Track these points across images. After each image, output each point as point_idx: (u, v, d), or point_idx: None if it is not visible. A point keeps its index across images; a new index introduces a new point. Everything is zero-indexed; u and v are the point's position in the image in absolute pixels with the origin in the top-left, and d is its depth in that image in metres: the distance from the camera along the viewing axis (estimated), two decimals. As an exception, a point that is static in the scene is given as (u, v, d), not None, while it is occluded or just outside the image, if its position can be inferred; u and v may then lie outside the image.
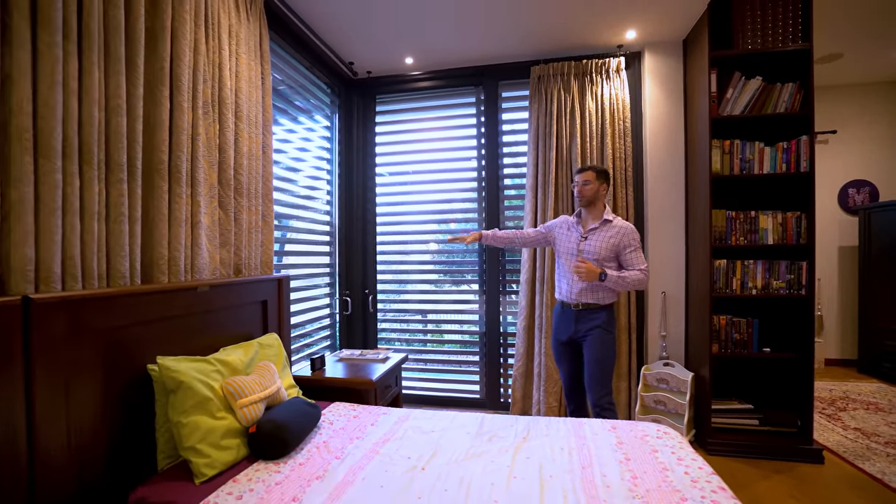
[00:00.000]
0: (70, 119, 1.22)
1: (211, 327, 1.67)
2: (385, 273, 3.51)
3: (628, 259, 2.20)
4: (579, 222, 2.33)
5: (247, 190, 1.93)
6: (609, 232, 2.22)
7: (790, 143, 2.49)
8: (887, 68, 3.90)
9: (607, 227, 2.24)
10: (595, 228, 2.25)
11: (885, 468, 2.32)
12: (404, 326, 3.57)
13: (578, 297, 2.23)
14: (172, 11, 1.57)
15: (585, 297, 2.22)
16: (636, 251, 2.20)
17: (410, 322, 3.57)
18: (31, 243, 1.13)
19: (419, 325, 3.58)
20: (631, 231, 2.22)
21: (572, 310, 2.26)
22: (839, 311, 4.34)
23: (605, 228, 2.24)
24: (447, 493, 1.21)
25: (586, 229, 2.28)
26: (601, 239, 2.22)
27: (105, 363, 1.27)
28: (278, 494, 1.19)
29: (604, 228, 2.24)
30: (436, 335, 3.59)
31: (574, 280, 2.24)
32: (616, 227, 2.23)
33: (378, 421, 1.72)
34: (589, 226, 2.28)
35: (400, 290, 3.51)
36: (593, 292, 2.22)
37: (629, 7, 2.56)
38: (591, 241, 2.24)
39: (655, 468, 1.33)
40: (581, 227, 2.31)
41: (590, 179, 2.26)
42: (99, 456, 1.25)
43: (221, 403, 1.40)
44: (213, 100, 1.76)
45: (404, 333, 3.56)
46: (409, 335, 3.55)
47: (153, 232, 1.49)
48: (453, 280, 3.46)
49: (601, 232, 2.24)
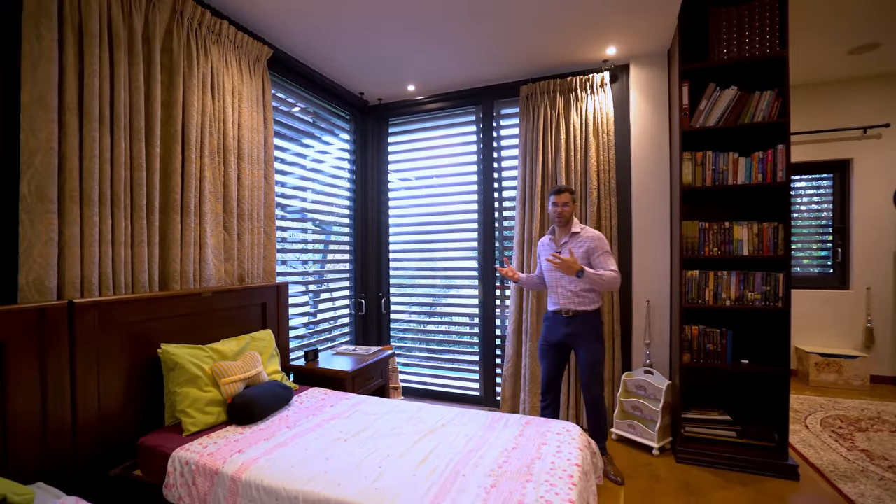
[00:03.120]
0: (104, 178, 1.76)
1: (214, 324, 2.18)
2: (396, 278, 3.92)
3: (599, 262, 2.40)
4: (552, 239, 2.59)
5: (249, 214, 2.44)
6: (579, 241, 2.46)
7: (766, 153, 2.45)
8: (945, 52, 3.46)
9: (576, 237, 2.48)
10: (566, 241, 2.49)
11: (867, 491, 2.21)
12: (413, 327, 3.95)
13: (566, 305, 2.45)
14: (184, 86, 2.10)
15: (574, 305, 2.44)
16: (605, 254, 2.41)
17: (418, 323, 3.94)
18: (77, 265, 1.68)
19: (426, 325, 3.94)
20: (598, 237, 2.44)
21: (563, 316, 2.47)
22: (894, 324, 3.91)
23: (575, 239, 2.48)
24: (351, 455, 1.56)
25: (559, 244, 2.53)
26: (573, 248, 2.45)
27: (128, 348, 1.80)
28: (231, 447, 1.63)
29: (574, 239, 2.48)
30: (440, 336, 3.92)
31: (560, 293, 2.48)
32: (584, 236, 2.46)
33: (337, 404, 2.12)
34: (561, 240, 2.52)
35: (410, 294, 3.89)
36: (579, 299, 2.43)
37: (606, 25, 2.66)
38: (564, 252, 2.47)
39: (530, 456, 1.56)
40: (554, 244, 2.56)
41: (568, 201, 2.48)
42: (121, 413, 1.79)
43: (209, 380, 1.89)
44: (218, 148, 2.27)
45: (414, 333, 3.94)
46: (421, 335, 3.92)
47: (168, 253, 2.03)
48: (457, 285, 3.76)
49: (572, 243, 2.48)
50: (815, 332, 4.15)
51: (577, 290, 2.43)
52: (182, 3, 2.08)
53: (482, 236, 3.56)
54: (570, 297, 2.44)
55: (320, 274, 3.47)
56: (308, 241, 3.44)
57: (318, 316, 3.43)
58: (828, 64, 3.66)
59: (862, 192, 4.01)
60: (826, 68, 3.75)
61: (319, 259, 3.53)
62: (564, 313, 2.46)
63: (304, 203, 3.25)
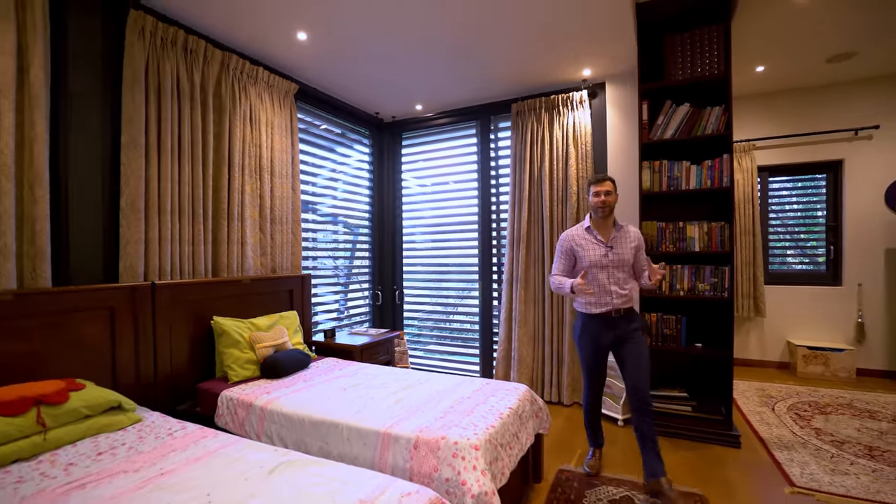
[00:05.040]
0: (174, 194, 2.42)
1: (252, 304, 2.81)
2: (409, 272, 4.48)
3: (643, 260, 2.29)
4: (592, 231, 2.32)
5: (279, 219, 3.06)
6: (628, 237, 2.29)
7: (714, 161, 2.80)
8: (926, 57, 3.59)
9: (623, 232, 2.31)
10: (615, 237, 2.29)
11: (798, 457, 2.53)
12: (422, 315, 4.49)
13: (618, 305, 2.24)
14: (229, 121, 2.74)
15: (624, 304, 2.25)
16: (644, 252, 2.33)
17: (427, 311, 4.48)
18: (156, 257, 2.34)
19: (435, 313, 4.47)
20: (640, 235, 2.35)
21: (612, 317, 2.25)
22: (885, 319, 4.03)
23: (622, 234, 2.30)
24: (346, 398, 2.11)
25: (608, 239, 2.29)
26: (624, 245, 2.27)
27: (189, 319, 2.45)
28: (261, 391, 2.23)
29: (622, 235, 2.30)
30: (447, 323, 4.44)
31: (613, 292, 2.24)
32: (631, 232, 2.31)
33: (345, 368, 2.69)
34: (610, 234, 2.30)
35: (420, 286, 4.44)
36: (628, 297, 2.25)
37: (578, 51, 3.08)
38: (616, 249, 2.26)
39: (478, 402, 2.04)
40: (595, 237, 2.30)
41: (612, 190, 2.28)
42: (184, 366, 2.44)
43: (247, 345, 2.51)
44: (255, 167, 2.91)
45: (423, 321, 4.48)
46: (430, 322, 4.46)
47: (218, 249, 2.68)
48: (460, 279, 4.27)
49: (622, 238, 2.29)
50: (809, 326, 4.32)
51: (628, 289, 2.26)
52: (228, 58, 2.73)
53: (481, 235, 4.04)
54: (621, 297, 2.24)
55: (348, 269, 4.09)
56: (339, 241, 4.06)
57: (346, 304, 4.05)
58: (812, 71, 3.85)
59: (853, 192, 4.15)
60: (812, 75, 3.94)
61: (347, 255, 4.15)
62: (615, 313, 2.24)
63: (332, 209, 3.87)
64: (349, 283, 4.09)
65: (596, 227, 2.33)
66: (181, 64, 2.47)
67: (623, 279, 2.25)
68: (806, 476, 2.32)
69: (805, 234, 4.47)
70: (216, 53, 2.66)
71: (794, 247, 4.54)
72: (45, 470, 1.43)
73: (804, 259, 4.50)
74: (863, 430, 2.88)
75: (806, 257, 4.50)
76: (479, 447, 1.59)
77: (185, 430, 1.76)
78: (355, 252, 4.24)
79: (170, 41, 2.41)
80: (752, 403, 3.42)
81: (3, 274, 1.80)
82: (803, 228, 4.47)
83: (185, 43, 2.50)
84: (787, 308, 4.39)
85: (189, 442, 1.65)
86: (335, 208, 3.96)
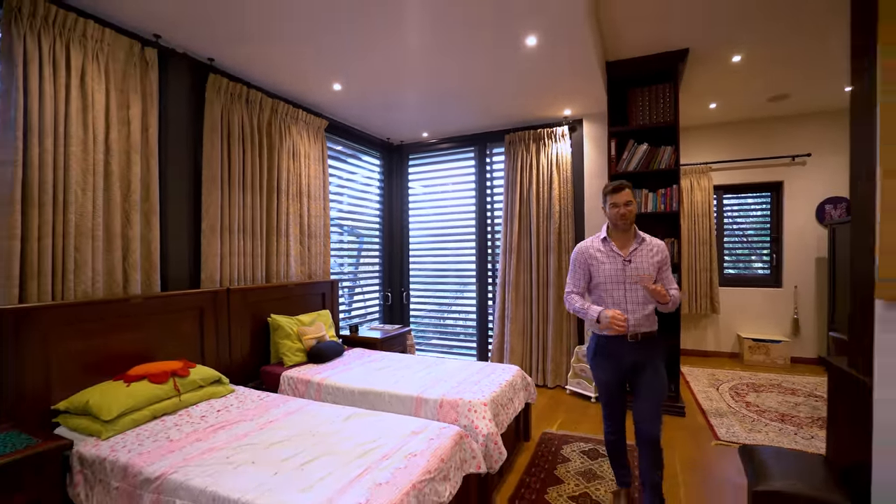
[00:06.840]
0: (239, 217, 3.05)
1: (296, 304, 3.45)
2: (415, 276, 5.14)
3: (667, 276, 2.05)
4: (609, 242, 2.06)
5: (314, 234, 3.71)
6: (652, 250, 2.03)
7: (667, 190, 3.52)
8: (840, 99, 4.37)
9: (644, 245, 2.04)
10: (635, 249, 2.03)
11: (727, 423, 3.26)
12: (427, 313, 5.16)
13: (636, 328, 1.97)
14: (277, 156, 3.37)
15: (644, 328, 1.98)
16: (669, 268, 2.07)
17: (432, 311, 5.15)
18: (228, 268, 2.97)
19: (438, 312, 5.15)
20: (665, 248, 2.08)
21: (629, 341, 1.97)
22: (815, 316, 4.82)
23: (644, 247, 2.04)
24: (381, 375, 2.77)
25: (627, 252, 2.03)
26: (645, 259, 2.01)
27: (252, 316, 3.09)
28: (313, 372, 2.88)
29: (643, 248, 2.03)
30: (448, 321, 5.12)
31: (630, 311, 1.97)
32: (654, 245, 2.05)
33: (373, 355, 3.35)
34: (630, 247, 2.04)
35: (425, 288, 5.10)
36: (648, 321, 1.99)
37: (559, 95, 3.76)
38: (635, 263, 2.00)
39: (481, 377, 2.72)
40: (613, 250, 2.04)
41: (631, 199, 2.01)
42: (249, 353, 3.07)
43: (296, 337, 3.15)
44: (296, 192, 3.55)
45: (427, 319, 5.15)
46: (434, 321, 5.13)
47: (270, 260, 3.31)
48: (460, 282, 4.95)
49: (642, 252, 2.02)
50: (755, 322, 5.10)
51: (648, 311, 1.99)
52: (276, 104, 3.36)
53: (478, 244, 4.72)
54: (640, 320, 1.97)
55: (354, 274, 4.74)
56: (360, 249, 4.70)
57: (358, 304, 4.69)
58: (757, 107, 4.60)
59: (791, 209, 4.94)
60: (758, 110, 4.69)
61: (360, 262, 4.79)
62: (631, 337, 1.97)
63: (353, 222, 4.52)
64: (364, 286, 4.74)
65: (613, 237, 2.08)
66: (244, 112, 3.10)
67: (644, 298, 1.97)
68: (730, 434, 3.05)
69: (753, 244, 5.25)
70: (267, 101, 3.29)
71: (744, 254, 5.32)
72: (188, 420, 2.07)
73: (753, 265, 5.28)
74: (782, 403, 3.64)
75: (754, 263, 5.28)
76: (486, 404, 2.27)
77: (269, 397, 2.41)
78: (365, 258, 4.88)
79: (237, 95, 3.04)
80: (701, 385, 4.16)
81: (133, 282, 2.42)
82: (753, 238, 5.24)
83: (247, 95, 3.13)
84: (738, 306, 5.16)
85: (279, 402, 2.30)
86: (350, 220, 4.61)
